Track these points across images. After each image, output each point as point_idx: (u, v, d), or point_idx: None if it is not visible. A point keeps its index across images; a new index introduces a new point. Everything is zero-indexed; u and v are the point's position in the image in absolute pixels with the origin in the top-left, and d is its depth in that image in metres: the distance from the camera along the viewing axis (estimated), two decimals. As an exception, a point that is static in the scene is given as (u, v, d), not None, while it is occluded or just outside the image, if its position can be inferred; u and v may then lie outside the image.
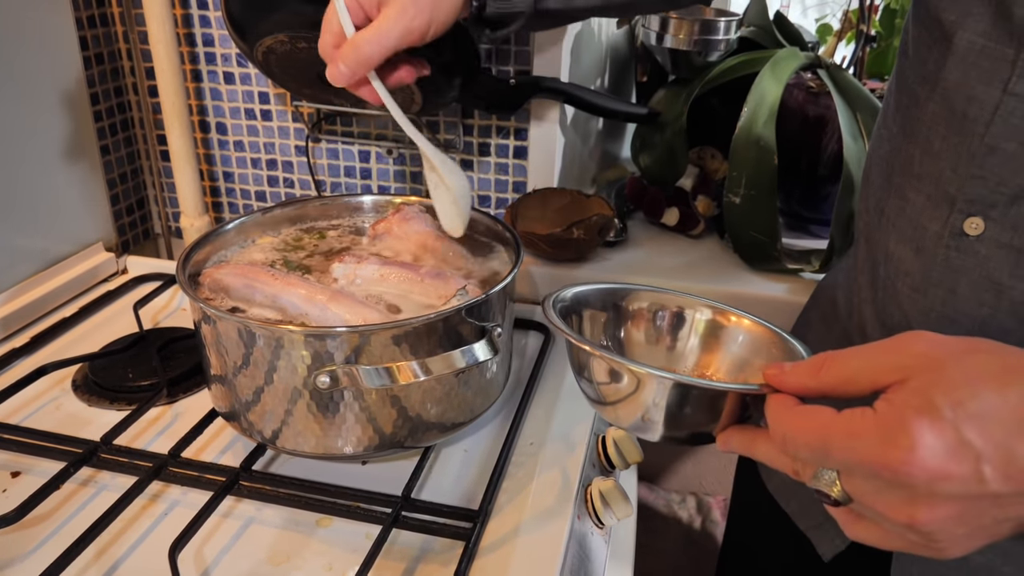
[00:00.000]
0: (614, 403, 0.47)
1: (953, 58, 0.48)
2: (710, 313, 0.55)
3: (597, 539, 0.63)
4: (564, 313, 0.53)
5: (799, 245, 0.95)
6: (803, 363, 0.39)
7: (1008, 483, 0.33)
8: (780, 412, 0.39)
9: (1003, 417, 0.33)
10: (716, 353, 0.55)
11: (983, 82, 0.47)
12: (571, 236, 0.86)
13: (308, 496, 0.59)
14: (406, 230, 0.72)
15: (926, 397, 0.34)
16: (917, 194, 0.52)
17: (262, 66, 0.82)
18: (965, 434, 0.33)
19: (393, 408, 0.58)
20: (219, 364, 0.59)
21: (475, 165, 0.98)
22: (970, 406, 0.33)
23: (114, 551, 0.55)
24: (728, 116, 0.89)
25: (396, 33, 0.56)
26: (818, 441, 0.36)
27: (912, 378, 0.35)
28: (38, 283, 0.87)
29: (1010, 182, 0.46)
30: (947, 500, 0.34)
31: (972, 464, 0.33)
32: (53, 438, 0.64)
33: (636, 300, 0.56)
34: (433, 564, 0.55)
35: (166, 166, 1.07)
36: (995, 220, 0.47)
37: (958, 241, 0.49)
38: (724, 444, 0.44)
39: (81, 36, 0.92)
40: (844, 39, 1.04)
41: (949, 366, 0.35)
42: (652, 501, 1.42)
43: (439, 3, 0.57)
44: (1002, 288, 0.48)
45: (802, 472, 0.39)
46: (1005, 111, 0.45)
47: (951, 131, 0.49)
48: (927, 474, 0.33)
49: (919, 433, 0.33)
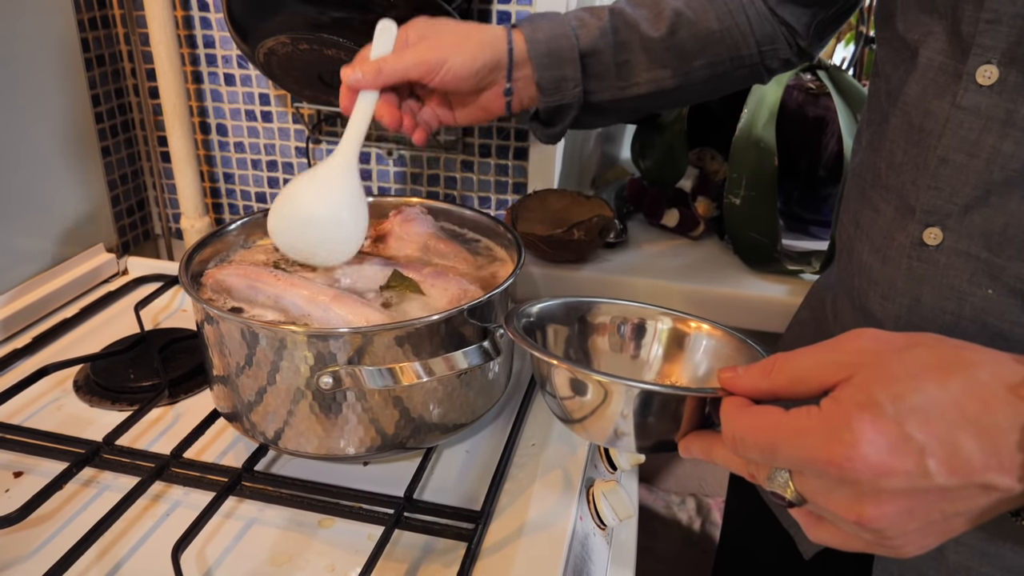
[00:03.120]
0: (581, 419, 0.46)
1: (915, 75, 0.50)
2: (671, 322, 0.55)
3: (599, 540, 0.63)
4: (529, 328, 0.52)
5: (799, 246, 0.95)
6: (755, 365, 0.39)
7: (953, 476, 0.33)
8: (731, 414, 0.38)
9: (945, 410, 0.33)
10: (678, 362, 0.55)
11: (937, 96, 0.48)
12: (571, 237, 0.86)
13: (310, 497, 0.60)
14: (407, 231, 0.72)
15: (867, 393, 0.34)
16: (886, 205, 0.53)
17: (263, 67, 0.82)
18: (907, 428, 0.33)
19: (395, 409, 0.58)
20: (222, 365, 0.60)
21: (475, 166, 0.98)
22: (911, 400, 0.33)
23: (117, 551, 0.55)
24: (728, 118, 0.89)
25: (411, 60, 0.60)
26: (766, 441, 0.36)
27: (856, 375, 0.35)
28: (39, 284, 0.87)
29: (961, 192, 0.47)
30: (893, 495, 0.33)
31: (915, 458, 0.33)
32: (55, 438, 0.65)
33: (599, 313, 0.56)
34: (435, 565, 0.55)
35: (167, 167, 1.07)
36: (952, 230, 0.48)
37: (919, 251, 0.50)
38: (685, 450, 0.43)
39: (83, 38, 0.92)
40: (843, 40, 1.05)
41: (890, 361, 0.35)
42: (652, 503, 1.42)
43: (458, 49, 0.61)
44: (963, 296, 0.49)
45: (757, 474, 0.39)
46: (954, 123, 0.47)
47: (910, 144, 0.51)
48: (871, 470, 0.33)
49: (861, 429, 0.33)
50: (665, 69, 0.67)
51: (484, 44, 0.62)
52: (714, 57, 0.67)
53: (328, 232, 0.60)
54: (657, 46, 0.66)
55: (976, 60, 0.45)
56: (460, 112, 0.67)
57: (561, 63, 0.65)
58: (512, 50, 0.63)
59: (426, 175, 1.00)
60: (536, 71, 0.65)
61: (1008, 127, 0.45)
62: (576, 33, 0.65)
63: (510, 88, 0.65)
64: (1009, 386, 0.33)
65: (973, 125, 0.46)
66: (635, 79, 0.67)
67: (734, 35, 0.67)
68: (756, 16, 0.67)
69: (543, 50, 0.64)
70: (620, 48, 0.66)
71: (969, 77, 0.46)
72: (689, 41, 0.66)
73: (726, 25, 0.66)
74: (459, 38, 0.62)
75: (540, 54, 0.64)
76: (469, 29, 0.63)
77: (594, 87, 0.67)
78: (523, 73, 0.65)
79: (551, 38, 0.64)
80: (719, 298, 0.87)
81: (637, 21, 0.66)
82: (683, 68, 0.67)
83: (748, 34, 0.67)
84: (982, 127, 0.46)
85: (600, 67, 0.66)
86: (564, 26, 0.65)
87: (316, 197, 0.60)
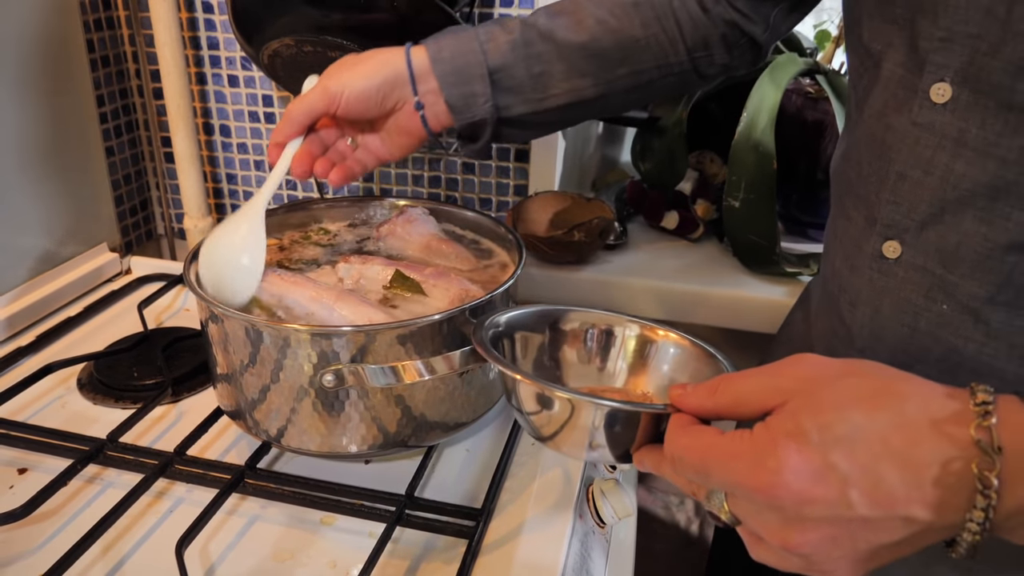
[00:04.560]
0: (552, 436, 0.46)
1: (878, 86, 0.50)
2: (638, 329, 0.55)
3: (598, 538, 0.64)
4: (496, 338, 0.52)
5: (797, 249, 0.96)
6: (702, 384, 0.39)
7: (876, 507, 0.33)
8: (673, 432, 0.39)
9: (870, 441, 0.33)
10: (645, 371, 0.54)
11: (896, 110, 0.48)
12: (572, 239, 0.86)
13: (312, 494, 0.60)
14: (410, 232, 0.73)
15: (796, 421, 0.34)
16: (857, 214, 0.53)
17: (268, 69, 0.83)
18: (831, 458, 0.33)
19: (397, 407, 0.58)
20: (225, 363, 0.60)
21: (476, 168, 0.98)
22: (837, 429, 0.33)
23: (120, 547, 0.56)
24: (727, 121, 0.90)
25: (313, 95, 0.61)
26: (700, 462, 0.36)
27: (789, 401, 0.35)
28: (43, 283, 0.87)
29: (918, 208, 0.47)
30: (817, 523, 0.33)
31: (838, 488, 0.33)
32: (59, 435, 0.65)
33: (568, 321, 0.56)
34: (436, 562, 0.55)
35: (170, 168, 1.07)
36: (910, 244, 0.48)
37: (879, 263, 0.50)
38: (639, 463, 0.43)
39: (88, 39, 0.93)
40: (842, 45, 1.05)
41: (823, 389, 0.35)
42: (651, 504, 1.43)
43: (355, 72, 0.61)
44: (919, 310, 0.49)
45: (697, 493, 0.39)
46: (910, 140, 0.47)
47: (873, 156, 0.51)
48: (793, 497, 0.33)
49: (786, 456, 0.33)
50: (585, 78, 0.63)
51: (382, 63, 0.61)
52: (638, 65, 0.63)
53: (225, 272, 0.61)
54: (576, 54, 0.62)
55: (930, 77, 0.45)
56: (387, 141, 0.66)
57: (469, 79, 0.62)
58: (411, 62, 0.62)
59: (427, 177, 1.01)
60: (443, 89, 0.62)
61: (960, 146, 0.45)
62: (484, 48, 0.62)
63: (420, 103, 0.62)
64: (934, 421, 0.33)
65: (928, 142, 0.46)
66: (552, 90, 0.63)
67: (660, 42, 0.62)
68: (688, 21, 0.62)
69: (448, 68, 0.62)
70: (533, 60, 0.62)
71: (924, 94, 0.46)
72: (611, 49, 0.62)
73: (652, 31, 0.62)
74: (357, 62, 0.62)
75: (445, 72, 0.62)
76: (370, 54, 0.62)
77: (508, 101, 0.63)
78: (429, 87, 0.62)
79: (456, 55, 0.62)
80: (718, 300, 0.87)
81: (553, 30, 0.62)
82: (605, 76, 0.63)
83: (677, 40, 0.63)
84: (936, 144, 0.46)
85: (512, 81, 0.63)
86: (471, 41, 0.62)
87: (217, 242, 0.62)
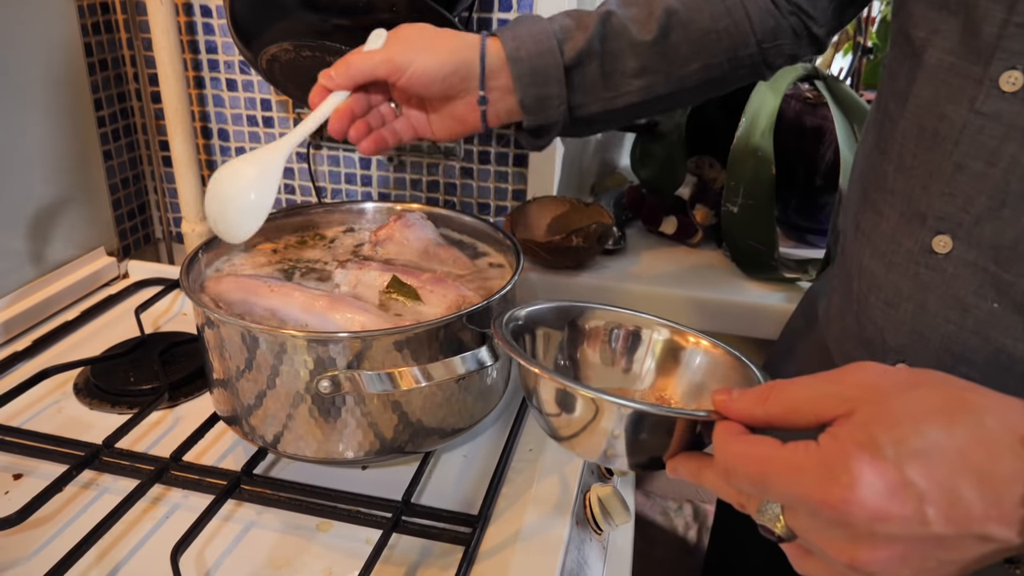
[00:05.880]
0: (570, 436, 0.45)
1: (923, 75, 0.49)
2: (668, 333, 0.53)
3: (595, 545, 0.64)
4: (517, 332, 0.50)
5: (796, 254, 0.96)
6: (751, 391, 0.38)
7: (951, 525, 0.31)
8: (724, 441, 0.37)
9: (948, 455, 0.32)
10: (672, 376, 0.53)
11: (951, 100, 0.47)
12: (570, 244, 0.86)
13: (308, 500, 0.60)
14: (407, 236, 0.73)
15: (868, 433, 0.32)
16: (891, 210, 0.52)
17: (266, 74, 0.83)
18: (907, 473, 0.31)
19: (394, 413, 0.58)
20: (221, 368, 0.60)
21: (475, 173, 0.98)
22: (913, 443, 0.32)
23: (116, 554, 0.56)
24: (726, 126, 0.90)
25: (379, 58, 0.59)
26: (759, 474, 0.35)
27: (856, 411, 0.34)
28: (40, 287, 0.87)
29: (976, 201, 0.46)
30: (889, 541, 0.32)
31: (914, 505, 0.31)
32: (55, 441, 0.65)
33: (592, 318, 0.54)
34: (432, 569, 0.55)
35: (168, 172, 1.07)
36: (962, 239, 0.47)
37: (927, 258, 0.49)
38: (673, 471, 0.42)
39: (86, 42, 0.93)
40: (841, 50, 1.05)
41: (893, 400, 0.33)
42: (648, 509, 1.42)
43: (427, 50, 0.59)
44: (967, 307, 0.48)
45: (747, 505, 0.38)
46: (972, 129, 0.46)
47: (921, 148, 0.49)
48: (867, 513, 0.31)
49: (860, 471, 0.32)
50: (657, 75, 0.62)
51: (456, 50, 0.60)
52: (710, 59, 0.62)
53: (228, 207, 0.59)
54: (647, 51, 0.61)
55: (1000, 65, 0.44)
56: (435, 122, 0.64)
57: (546, 81, 0.61)
58: (485, 58, 0.60)
59: (426, 181, 1.01)
60: (518, 90, 0.61)
61: None
62: (561, 47, 0.61)
63: (484, 97, 0.61)
64: (1019, 436, 0.32)
65: (994, 132, 0.45)
66: (625, 88, 0.63)
67: (732, 34, 0.61)
68: (757, 11, 0.61)
69: (525, 69, 0.60)
70: (608, 58, 0.61)
71: (992, 82, 0.44)
72: (683, 44, 0.61)
73: (723, 24, 0.61)
74: (431, 41, 0.60)
75: (522, 73, 0.60)
76: (445, 34, 0.61)
77: (581, 100, 0.63)
78: (499, 83, 0.61)
79: (534, 55, 0.60)
80: (716, 305, 0.87)
81: (626, 25, 0.61)
82: (676, 73, 0.62)
83: (748, 32, 0.61)
84: (1003, 135, 0.44)
85: (587, 80, 0.62)
86: (549, 39, 0.60)
87: (231, 173, 0.59)
